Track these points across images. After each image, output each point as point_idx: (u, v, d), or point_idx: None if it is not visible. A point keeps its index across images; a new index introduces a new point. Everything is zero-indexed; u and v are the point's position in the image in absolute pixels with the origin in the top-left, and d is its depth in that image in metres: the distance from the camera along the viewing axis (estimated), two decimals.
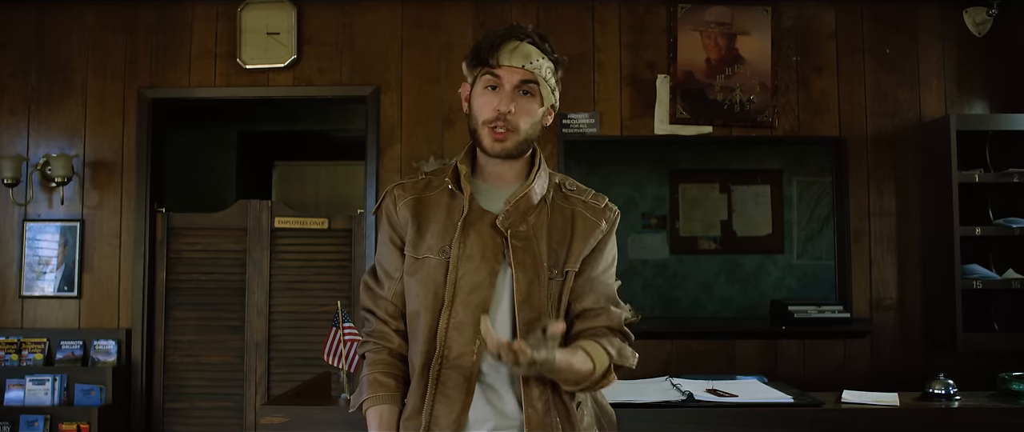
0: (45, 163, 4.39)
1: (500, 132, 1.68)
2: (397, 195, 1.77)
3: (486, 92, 1.70)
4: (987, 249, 4.29)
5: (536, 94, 1.70)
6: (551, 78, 1.72)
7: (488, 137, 1.70)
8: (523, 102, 1.69)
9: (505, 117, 1.67)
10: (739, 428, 2.51)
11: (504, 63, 1.68)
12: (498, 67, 1.68)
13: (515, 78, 1.68)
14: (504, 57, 1.68)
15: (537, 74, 1.69)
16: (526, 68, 1.68)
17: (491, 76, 1.69)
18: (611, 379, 1.70)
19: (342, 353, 2.79)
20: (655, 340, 4.26)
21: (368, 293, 1.79)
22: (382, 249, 1.79)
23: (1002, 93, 4.46)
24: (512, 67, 1.68)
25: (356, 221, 4.48)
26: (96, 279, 4.41)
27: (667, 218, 4.53)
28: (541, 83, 1.69)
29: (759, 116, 4.40)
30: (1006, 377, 2.84)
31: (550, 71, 1.72)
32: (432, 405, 1.65)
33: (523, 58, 1.68)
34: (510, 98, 1.68)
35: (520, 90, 1.68)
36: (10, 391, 4.16)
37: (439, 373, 1.65)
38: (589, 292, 1.73)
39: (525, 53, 1.68)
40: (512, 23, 1.76)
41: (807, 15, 4.50)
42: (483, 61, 1.70)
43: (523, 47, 1.69)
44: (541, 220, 1.72)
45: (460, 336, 1.65)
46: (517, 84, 1.68)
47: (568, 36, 4.45)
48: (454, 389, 1.64)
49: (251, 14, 4.43)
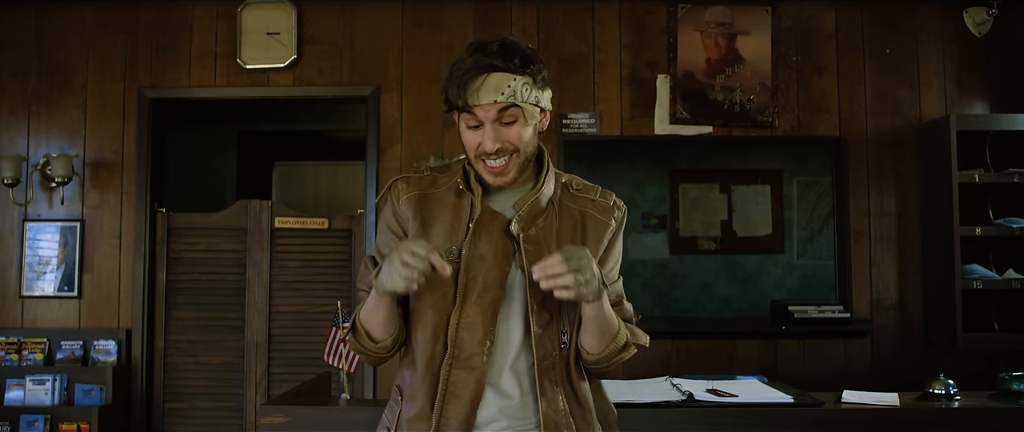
0: (45, 163, 4.39)
1: (496, 166, 1.66)
2: (401, 189, 1.76)
3: (469, 130, 1.67)
4: (987, 249, 4.29)
5: (519, 117, 1.65)
6: (531, 93, 1.64)
7: (487, 174, 1.68)
8: (508, 131, 1.65)
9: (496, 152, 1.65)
10: (739, 428, 2.51)
11: (474, 103, 1.62)
12: (471, 108, 1.63)
13: (491, 113, 1.63)
14: (472, 97, 1.61)
15: (513, 99, 1.61)
16: (499, 100, 1.62)
17: (469, 115, 1.65)
18: (630, 353, 1.75)
19: (342, 353, 2.79)
20: (655, 340, 4.21)
21: (366, 273, 1.77)
22: (382, 237, 1.78)
23: (1002, 93, 4.46)
24: (485, 105, 1.62)
25: (356, 221, 4.48)
26: (96, 279, 4.41)
27: (667, 218, 4.53)
28: (522, 106, 1.63)
29: (759, 116, 4.40)
30: (1006, 377, 2.83)
31: (528, 87, 1.63)
32: (442, 406, 1.65)
33: (493, 92, 1.61)
34: (493, 134, 1.64)
35: (501, 121, 1.64)
36: (10, 391, 4.16)
37: (449, 373, 1.65)
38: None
39: (494, 86, 1.61)
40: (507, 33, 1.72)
41: (807, 15, 4.50)
42: (455, 105, 1.65)
43: (490, 79, 1.61)
44: (551, 222, 1.72)
45: (470, 337, 1.65)
46: (495, 117, 1.63)
47: (568, 36, 4.45)
48: (463, 389, 1.65)
49: (251, 14, 4.43)
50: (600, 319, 1.66)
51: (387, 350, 1.72)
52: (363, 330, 1.71)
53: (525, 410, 1.68)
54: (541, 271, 1.53)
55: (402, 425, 1.70)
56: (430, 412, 1.66)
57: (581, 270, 1.53)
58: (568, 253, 1.53)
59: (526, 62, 1.64)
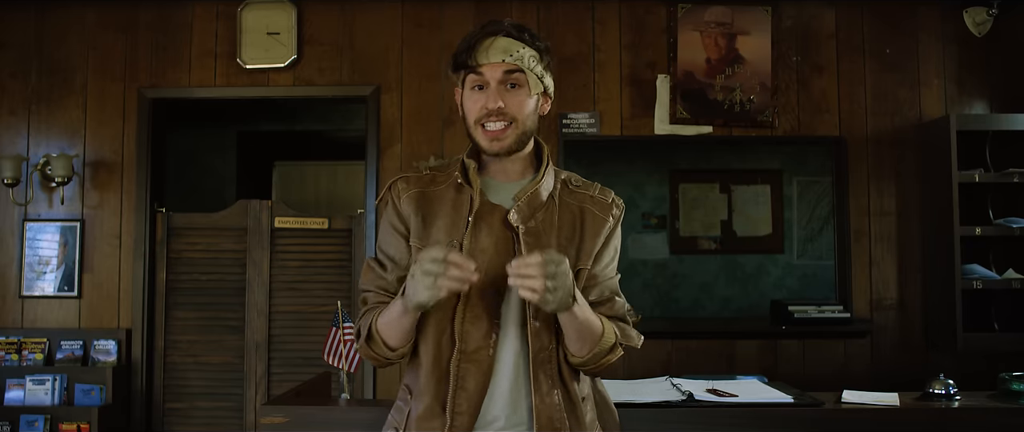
0: (45, 163, 4.39)
1: (494, 129, 1.68)
2: (401, 188, 1.77)
3: (474, 92, 1.71)
4: (987, 249, 4.29)
5: (523, 84, 1.70)
6: (536, 65, 1.71)
7: (484, 138, 1.70)
8: (512, 95, 1.69)
9: (497, 112, 1.67)
10: (739, 428, 2.51)
11: (483, 61, 1.68)
12: (479, 66, 1.68)
13: (498, 73, 1.68)
14: (482, 55, 1.68)
15: (520, 63, 1.68)
16: (507, 61, 1.67)
17: (475, 76, 1.69)
18: (617, 354, 1.73)
19: (342, 353, 2.79)
20: (655, 340, 4.25)
21: (371, 273, 1.78)
22: (384, 237, 1.78)
23: (1002, 93, 4.46)
24: (493, 63, 1.67)
25: (356, 221, 4.48)
26: (96, 279, 4.41)
27: (667, 218, 4.52)
28: (527, 72, 1.69)
29: (759, 116, 4.40)
30: (1006, 377, 2.83)
31: (534, 59, 1.70)
32: (453, 401, 1.65)
33: (502, 52, 1.68)
34: (497, 94, 1.68)
35: (506, 83, 1.68)
36: (10, 391, 4.16)
37: (458, 367, 1.66)
38: (595, 286, 1.76)
39: (503, 47, 1.68)
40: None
41: (807, 15, 4.50)
42: (463, 64, 1.70)
43: (500, 41, 1.68)
44: (550, 217, 1.73)
45: (476, 330, 1.66)
46: (502, 78, 1.68)
47: (568, 36, 4.45)
48: (472, 382, 1.66)
49: (251, 14, 4.43)
50: (576, 325, 1.65)
51: (403, 356, 1.73)
52: (380, 339, 1.70)
53: (521, 404, 1.69)
54: (515, 268, 1.53)
55: (411, 424, 1.70)
56: (439, 407, 1.66)
57: (554, 277, 1.52)
58: (548, 257, 1.53)
59: (535, 38, 1.72)
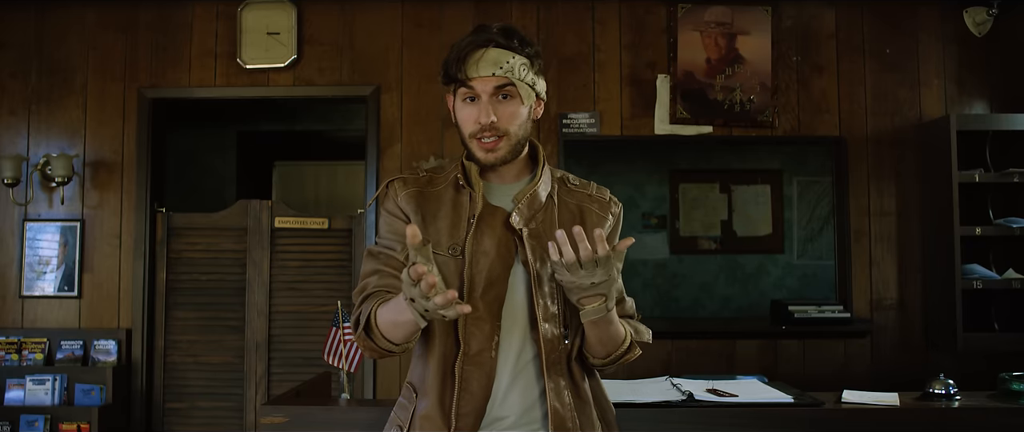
0: (45, 163, 4.39)
1: (488, 142, 1.68)
2: (398, 187, 1.77)
3: (466, 104, 1.69)
4: (987, 249, 4.29)
5: (515, 95, 1.68)
6: (527, 74, 1.69)
7: (479, 149, 1.69)
8: (504, 107, 1.67)
9: (490, 127, 1.66)
10: (739, 428, 2.51)
11: (474, 75, 1.65)
12: (469, 80, 1.66)
13: (489, 87, 1.66)
14: (472, 69, 1.65)
15: (511, 76, 1.65)
16: (496, 75, 1.65)
17: (466, 89, 1.68)
18: (635, 353, 1.76)
19: (342, 353, 2.79)
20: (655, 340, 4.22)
21: (372, 261, 1.77)
22: (385, 224, 1.77)
23: (1002, 93, 4.46)
24: (483, 77, 1.65)
25: (356, 221, 4.48)
26: (96, 279, 4.41)
27: (667, 218, 4.52)
28: (517, 84, 1.67)
29: (759, 116, 4.40)
30: (1006, 377, 2.83)
31: (525, 67, 1.68)
32: (458, 403, 1.65)
33: (492, 64, 1.65)
34: (489, 107, 1.66)
35: (498, 96, 1.67)
36: (10, 391, 4.16)
37: (462, 369, 1.65)
38: None
39: (493, 59, 1.65)
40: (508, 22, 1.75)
41: (807, 15, 4.50)
42: (453, 77, 1.68)
43: (490, 53, 1.65)
44: (550, 217, 1.73)
45: (479, 332, 1.66)
46: (493, 92, 1.66)
47: (568, 36, 4.45)
48: (476, 384, 1.65)
49: (251, 14, 4.43)
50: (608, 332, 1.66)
51: (404, 350, 1.69)
52: (379, 332, 1.66)
53: (531, 404, 1.69)
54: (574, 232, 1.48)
55: (416, 423, 1.70)
56: (443, 409, 1.66)
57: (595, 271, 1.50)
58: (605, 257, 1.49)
59: (524, 44, 1.69)
